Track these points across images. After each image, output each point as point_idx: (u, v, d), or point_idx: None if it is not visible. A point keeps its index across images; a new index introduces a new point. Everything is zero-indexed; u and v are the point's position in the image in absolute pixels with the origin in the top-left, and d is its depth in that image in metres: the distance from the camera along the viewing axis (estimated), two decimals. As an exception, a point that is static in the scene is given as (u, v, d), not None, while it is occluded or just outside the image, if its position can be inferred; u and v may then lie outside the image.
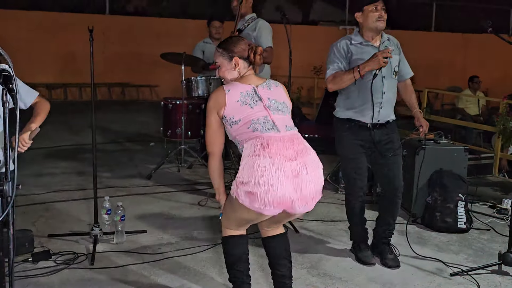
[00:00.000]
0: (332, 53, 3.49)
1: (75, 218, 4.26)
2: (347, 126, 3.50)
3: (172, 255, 3.57)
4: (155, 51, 6.80)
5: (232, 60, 2.67)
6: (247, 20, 4.74)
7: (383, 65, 3.27)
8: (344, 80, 3.36)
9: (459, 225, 4.18)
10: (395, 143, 3.54)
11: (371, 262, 3.54)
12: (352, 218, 3.63)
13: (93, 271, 3.30)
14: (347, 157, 3.52)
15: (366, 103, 3.42)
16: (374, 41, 3.47)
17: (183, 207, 4.66)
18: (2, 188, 1.86)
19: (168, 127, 6.06)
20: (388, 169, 3.51)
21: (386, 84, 3.44)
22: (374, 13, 3.39)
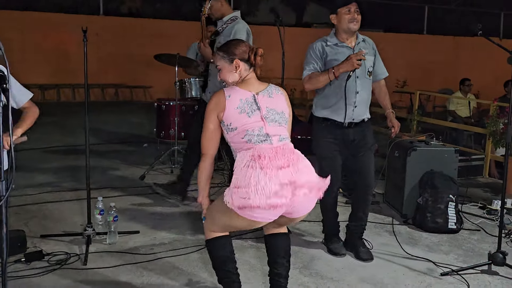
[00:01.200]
0: (308, 54, 3.61)
1: (68, 218, 4.26)
2: (323, 125, 3.63)
3: (165, 256, 3.58)
4: (149, 52, 6.81)
5: (233, 62, 2.66)
6: (226, 21, 4.47)
7: (356, 67, 3.39)
8: (320, 80, 3.50)
9: (450, 226, 4.23)
10: (368, 141, 3.68)
11: (342, 252, 3.70)
12: (326, 213, 3.79)
13: (85, 271, 3.30)
14: (323, 155, 3.64)
15: (341, 102, 3.54)
16: (349, 42, 3.60)
17: (176, 208, 4.67)
18: (-5, 188, 1.88)
19: (161, 128, 6.08)
20: (361, 166, 3.66)
21: (360, 84, 3.57)
22: (347, 15, 3.52)
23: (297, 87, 12.03)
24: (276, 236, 2.81)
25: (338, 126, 3.59)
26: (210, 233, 2.74)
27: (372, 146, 3.72)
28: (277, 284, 2.82)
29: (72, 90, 12.40)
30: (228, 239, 2.75)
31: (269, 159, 2.46)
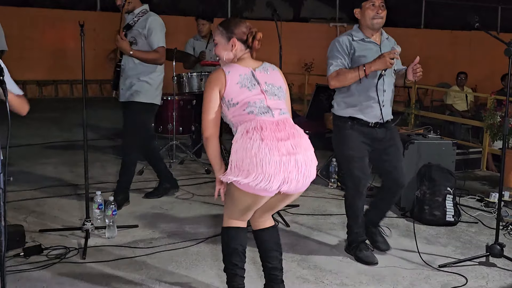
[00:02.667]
0: (334, 49, 3.42)
1: (66, 213, 4.26)
2: (349, 124, 3.45)
3: (164, 249, 3.59)
4: (147, 48, 6.79)
5: (230, 40, 2.66)
6: (137, 14, 4.26)
7: (389, 66, 3.25)
8: (348, 78, 3.31)
9: (448, 218, 4.24)
10: (397, 140, 3.55)
11: (374, 261, 3.47)
12: (354, 218, 3.56)
13: (84, 265, 3.31)
14: (353, 156, 3.44)
15: (368, 101, 3.39)
16: (374, 38, 3.46)
17: (175, 202, 4.68)
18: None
19: (159, 123, 6.07)
20: (393, 167, 3.50)
21: (387, 83, 3.43)
22: (371, 10, 3.36)
23: (295, 82, 12.05)
24: (264, 231, 2.81)
25: (364, 125, 3.44)
26: (228, 220, 2.73)
27: (400, 143, 3.57)
28: (273, 278, 2.82)
29: (70, 86, 12.38)
30: (242, 232, 2.73)
31: (270, 130, 2.48)
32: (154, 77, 4.34)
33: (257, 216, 2.80)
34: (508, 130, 3.53)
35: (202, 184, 5.24)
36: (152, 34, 4.20)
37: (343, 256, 3.62)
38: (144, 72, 4.28)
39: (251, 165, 2.42)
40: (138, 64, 4.25)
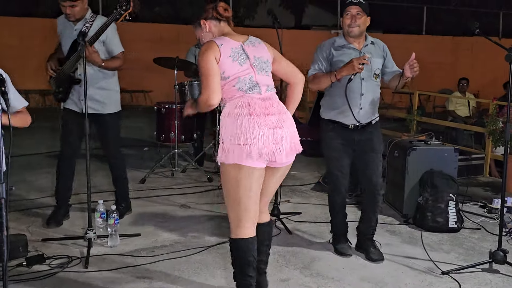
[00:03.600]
0: (315, 54, 3.65)
1: (69, 222, 4.27)
2: (330, 127, 3.64)
3: (166, 258, 3.59)
4: (149, 57, 6.82)
5: (201, 25, 2.78)
6: (89, 20, 4.06)
7: (358, 71, 3.39)
8: (322, 82, 3.53)
9: (450, 225, 4.23)
10: (375, 142, 3.66)
11: (347, 253, 3.71)
12: (334, 213, 3.79)
13: (87, 274, 3.31)
14: (331, 156, 3.67)
15: (345, 105, 3.53)
16: (356, 43, 3.58)
17: (177, 210, 4.68)
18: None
19: (161, 131, 6.09)
20: (367, 167, 3.64)
21: (365, 87, 3.55)
22: (347, 19, 3.53)
23: (297, 89, 12.08)
24: (260, 225, 2.83)
25: (344, 128, 3.59)
26: (236, 230, 2.70)
27: (380, 148, 3.69)
28: (258, 270, 2.87)
29: (72, 95, 12.41)
30: (253, 242, 2.72)
31: (258, 106, 2.62)
32: (116, 82, 4.28)
33: None
34: (510, 135, 3.53)
35: (204, 193, 5.24)
36: (112, 41, 4.08)
37: (345, 263, 3.61)
38: (106, 78, 4.14)
39: (241, 137, 2.55)
40: (97, 71, 4.10)
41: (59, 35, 4.23)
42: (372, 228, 3.75)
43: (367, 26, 3.59)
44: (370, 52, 3.56)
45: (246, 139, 2.55)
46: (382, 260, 3.64)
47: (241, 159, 2.57)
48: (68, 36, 4.08)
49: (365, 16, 3.53)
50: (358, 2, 3.50)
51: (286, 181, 4.89)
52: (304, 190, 5.53)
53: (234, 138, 2.57)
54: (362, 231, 3.77)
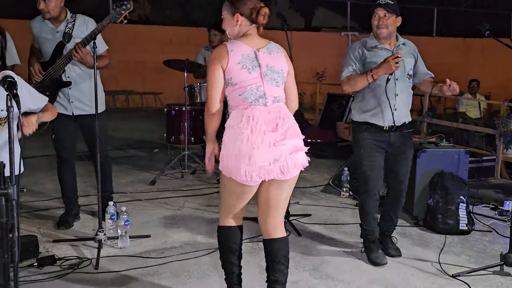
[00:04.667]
0: (347, 56, 3.59)
1: (79, 223, 4.30)
2: (363, 128, 3.59)
3: (176, 259, 3.60)
4: (159, 59, 6.85)
5: (234, 16, 2.68)
6: (70, 20, 4.00)
7: (394, 69, 3.35)
8: (358, 83, 3.46)
9: (461, 227, 4.20)
10: (408, 145, 3.66)
11: (383, 262, 3.59)
12: (366, 217, 3.67)
13: (97, 275, 3.34)
14: (363, 155, 3.58)
15: (380, 105, 3.51)
16: (388, 44, 3.56)
17: (187, 212, 4.69)
18: (7, 192, 1.91)
19: (171, 133, 6.12)
20: (399, 171, 3.65)
21: (399, 87, 3.52)
22: (375, 20, 3.52)
23: (306, 91, 12.07)
24: (275, 241, 2.80)
25: (378, 129, 3.56)
26: (223, 218, 2.85)
27: (411, 151, 3.70)
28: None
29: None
30: (237, 232, 2.86)
31: (261, 121, 2.56)
32: (100, 82, 4.11)
33: (265, 218, 2.79)
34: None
35: (214, 194, 5.25)
36: (98, 39, 3.90)
37: (355, 265, 3.60)
38: (91, 79, 3.93)
39: (239, 157, 2.53)
40: (83, 72, 4.05)
41: (35, 38, 4.13)
42: (392, 227, 3.82)
43: (397, 26, 3.56)
44: (401, 53, 3.50)
45: (243, 161, 2.52)
46: (400, 255, 3.71)
47: (237, 176, 2.56)
48: (50, 39, 4.00)
49: (394, 17, 3.50)
50: (385, 4, 3.47)
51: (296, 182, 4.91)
52: (313, 192, 5.52)
53: (232, 156, 2.55)
54: (382, 227, 3.78)
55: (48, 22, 4.01)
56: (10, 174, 2.01)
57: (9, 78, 2.12)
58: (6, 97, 2.04)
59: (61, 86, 4.04)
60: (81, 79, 4.07)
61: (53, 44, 3.99)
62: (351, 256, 3.75)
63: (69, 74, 4.04)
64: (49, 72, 3.98)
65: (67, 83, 4.03)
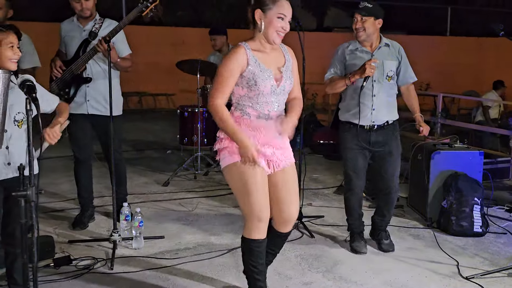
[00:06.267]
0: (333, 58, 3.81)
1: (94, 224, 4.34)
2: (346, 128, 3.77)
3: (189, 260, 3.63)
4: (171, 60, 6.90)
5: None
6: (98, 22, 4.15)
7: (369, 74, 3.51)
8: (337, 85, 3.67)
9: (475, 229, 4.18)
10: (392, 144, 3.76)
11: (362, 251, 3.82)
12: (350, 212, 3.91)
13: (113, 275, 3.38)
14: (346, 157, 3.78)
15: (359, 106, 3.67)
16: (369, 47, 3.69)
17: (200, 213, 4.72)
18: (26, 193, 1.95)
19: (184, 134, 6.15)
20: (384, 170, 3.78)
21: (377, 88, 3.66)
22: (353, 25, 3.68)
23: (319, 92, 12.03)
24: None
25: (361, 129, 3.69)
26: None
27: (397, 150, 3.79)
28: None
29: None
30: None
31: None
32: (118, 85, 4.28)
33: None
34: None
35: (227, 195, 5.27)
36: (121, 42, 4.14)
37: (368, 267, 3.60)
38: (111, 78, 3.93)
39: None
40: (104, 70, 4.08)
41: (61, 39, 4.23)
42: (385, 222, 3.95)
43: (378, 27, 3.67)
44: (383, 55, 3.67)
45: None
46: (392, 250, 3.84)
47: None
48: (76, 37, 4.12)
49: (372, 19, 3.62)
50: (363, 7, 3.62)
51: (308, 184, 4.93)
52: (326, 193, 5.52)
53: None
54: (377, 223, 3.97)
55: (77, 22, 4.14)
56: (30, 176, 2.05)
57: (28, 82, 2.17)
58: (26, 101, 2.08)
59: (82, 82, 4.11)
60: (100, 77, 4.12)
61: (78, 42, 4.10)
62: (364, 258, 3.75)
63: (89, 71, 4.12)
64: (71, 68, 4.07)
65: (88, 79, 4.11)
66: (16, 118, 2.64)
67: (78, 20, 4.15)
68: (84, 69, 4.10)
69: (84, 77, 4.12)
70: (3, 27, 2.70)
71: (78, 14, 4.12)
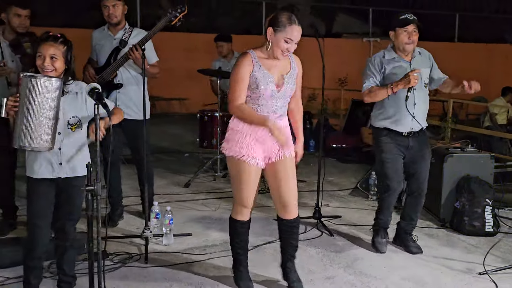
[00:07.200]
0: (367, 68, 3.87)
1: (123, 222, 4.57)
2: (384, 133, 3.90)
3: (217, 256, 3.86)
4: (185, 65, 7.13)
5: None
6: (128, 30, 4.36)
7: (413, 84, 3.63)
8: (378, 95, 3.77)
9: (487, 229, 4.38)
10: (425, 149, 3.93)
11: (382, 250, 3.98)
12: (384, 211, 4.02)
13: (147, 269, 3.61)
14: (385, 158, 3.88)
15: (400, 114, 3.79)
16: (405, 55, 3.83)
17: (223, 213, 4.94)
18: (93, 188, 2.19)
19: (204, 137, 6.38)
20: (418, 173, 3.91)
21: (417, 96, 3.80)
22: (404, 36, 3.75)
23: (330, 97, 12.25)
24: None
25: (398, 134, 3.86)
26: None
27: (429, 155, 3.98)
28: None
29: (114, 103, 12.86)
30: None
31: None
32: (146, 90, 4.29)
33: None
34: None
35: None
36: (149, 50, 4.27)
37: (387, 264, 3.81)
38: (139, 83, 4.23)
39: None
40: (134, 76, 4.33)
41: (93, 48, 4.48)
42: (412, 225, 4.08)
43: None
44: (418, 63, 3.81)
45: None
46: (421, 252, 3.95)
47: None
48: (107, 45, 4.35)
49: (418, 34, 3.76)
50: (416, 20, 3.72)
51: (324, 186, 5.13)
52: (342, 195, 5.73)
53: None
54: (403, 227, 4.06)
55: (108, 30, 4.37)
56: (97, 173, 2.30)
57: (96, 89, 2.41)
58: (94, 106, 2.33)
59: (113, 88, 4.34)
60: (130, 83, 4.35)
61: (109, 50, 4.33)
62: (382, 255, 3.96)
63: (120, 78, 4.34)
64: (103, 75, 4.30)
65: (119, 85, 4.34)
66: (70, 122, 2.84)
67: (109, 29, 4.39)
68: (115, 75, 4.33)
69: (115, 83, 4.36)
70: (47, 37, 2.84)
71: (106, 20, 4.35)
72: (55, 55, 2.80)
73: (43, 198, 2.90)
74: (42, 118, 2.62)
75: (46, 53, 2.78)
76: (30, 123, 2.61)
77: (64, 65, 2.86)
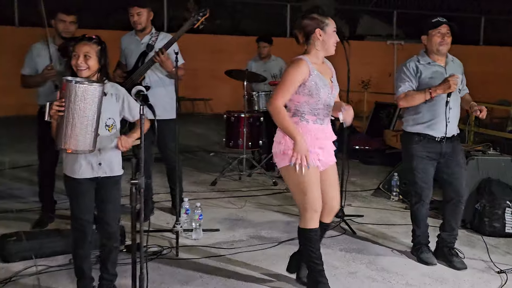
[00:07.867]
0: (402, 73, 3.84)
1: (154, 217, 4.78)
2: (416, 139, 3.82)
3: (245, 250, 4.04)
4: (209, 67, 7.33)
5: None
6: (154, 35, 4.55)
7: (453, 89, 3.62)
8: (416, 99, 3.74)
9: (507, 230, 4.48)
10: (460, 155, 3.89)
11: (433, 262, 3.87)
12: (417, 223, 3.96)
13: (178, 261, 3.81)
14: (417, 168, 3.83)
15: (436, 118, 3.76)
16: (440, 61, 3.83)
17: (249, 210, 5.13)
18: (137, 181, 2.39)
19: (230, 138, 6.57)
20: (454, 179, 3.84)
21: (452, 101, 3.74)
22: (438, 37, 3.75)
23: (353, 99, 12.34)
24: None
25: (431, 140, 3.79)
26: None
27: (464, 160, 3.94)
28: None
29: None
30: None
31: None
32: (173, 91, 4.45)
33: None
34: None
35: (271, 195, 5.68)
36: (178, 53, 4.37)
37: (407, 260, 3.95)
38: (165, 86, 4.49)
39: None
40: (161, 78, 4.51)
41: (122, 52, 4.70)
42: (454, 237, 3.94)
43: None
44: (452, 69, 3.80)
45: None
46: (465, 268, 3.78)
47: None
48: (135, 50, 4.55)
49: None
50: (448, 21, 3.73)
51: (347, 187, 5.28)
52: (364, 195, 5.87)
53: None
54: (445, 239, 3.93)
55: (135, 35, 4.60)
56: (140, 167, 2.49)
57: (141, 92, 2.62)
58: (140, 107, 2.53)
59: None
60: (157, 85, 4.55)
61: (137, 54, 4.54)
62: (403, 253, 4.10)
63: (147, 80, 4.54)
64: (132, 78, 4.51)
65: (146, 88, 4.50)
66: (107, 123, 2.99)
67: (137, 34, 4.61)
68: (143, 78, 4.54)
69: (143, 86, 4.56)
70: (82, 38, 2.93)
71: (133, 26, 4.57)
72: (88, 53, 2.88)
73: (86, 195, 3.05)
74: (86, 122, 2.73)
75: (80, 52, 2.87)
76: (74, 127, 2.70)
77: (98, 65, 2.94)
